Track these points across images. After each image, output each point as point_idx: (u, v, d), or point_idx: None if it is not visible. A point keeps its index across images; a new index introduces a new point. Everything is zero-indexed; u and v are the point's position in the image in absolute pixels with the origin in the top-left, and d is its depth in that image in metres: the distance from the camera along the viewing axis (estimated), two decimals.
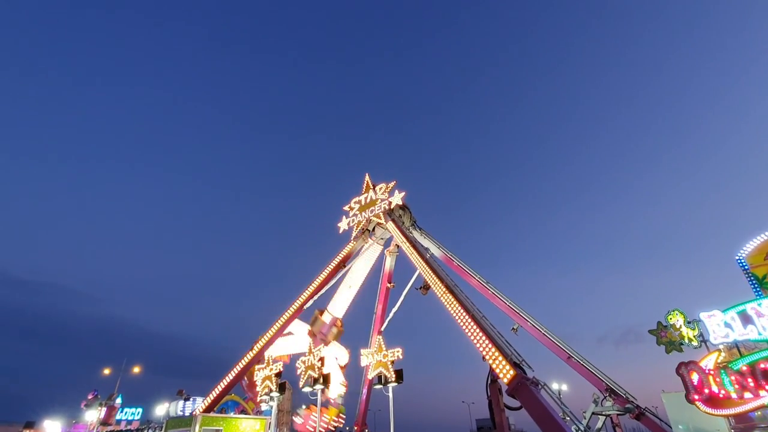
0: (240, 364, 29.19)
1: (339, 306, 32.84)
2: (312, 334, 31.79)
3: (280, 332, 30.12)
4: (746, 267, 20.84)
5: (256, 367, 28.77)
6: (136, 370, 47.75)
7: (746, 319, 16.07)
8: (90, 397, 42.08)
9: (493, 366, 18.15)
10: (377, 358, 25.39)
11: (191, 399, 43.84)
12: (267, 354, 28.10)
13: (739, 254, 21.27)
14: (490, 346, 18.63)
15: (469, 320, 20.11)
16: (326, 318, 32.79)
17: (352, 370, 33.18)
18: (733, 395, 14.69)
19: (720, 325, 16.39)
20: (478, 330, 19.49)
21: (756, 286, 20.10)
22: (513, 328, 26.33)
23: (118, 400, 43.99)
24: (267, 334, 29.99)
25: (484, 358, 18.80)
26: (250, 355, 29.28)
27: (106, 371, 45.39)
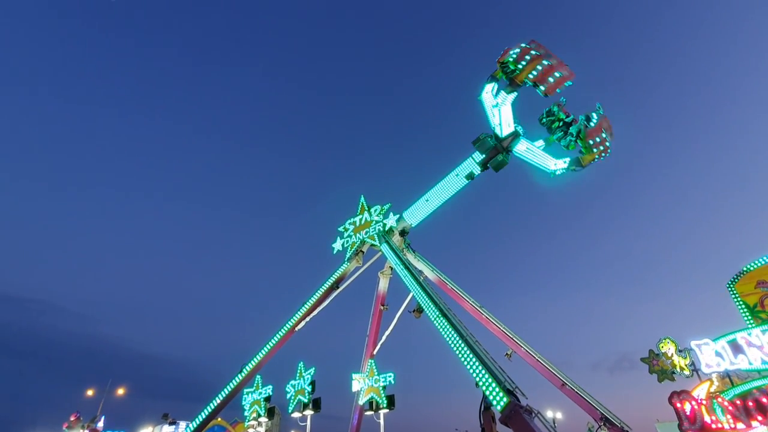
0: (228, 386, 28.58)
1: None
2: None
3: (270, 355, 29.64)
4: (736, 294, 20.98)
5: (245, 390, 28.19)
6: (121, 391, 46.41)
7: (737, 348, 16.09)
8: (72, 418, 40.72)
9: (486, 392, 17.90)
10: (369, 383, 25.02)
11: (177, 423, 42.57)
12: None
13: (730, 282, 21.44)
14: (483, 371, 18.41)
15: (462, 345, 19.94)
16: None
17: (344, 396, 32.49)
18: (726, 425, 14.57)
19: (711, 354, 16.38)
20: (471, 355, 19.30)
21: (747, 314, 20.17)
22: (507, 354, 26.12)
23: (101, 423, 42.54)
24: (257, 356, 29.48)
25: (477, 384, 18.56)
26: (239, 377, 28.73)
27: (90, 392, 44.07)
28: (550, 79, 23.54)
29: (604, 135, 24.44)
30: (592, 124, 24.74)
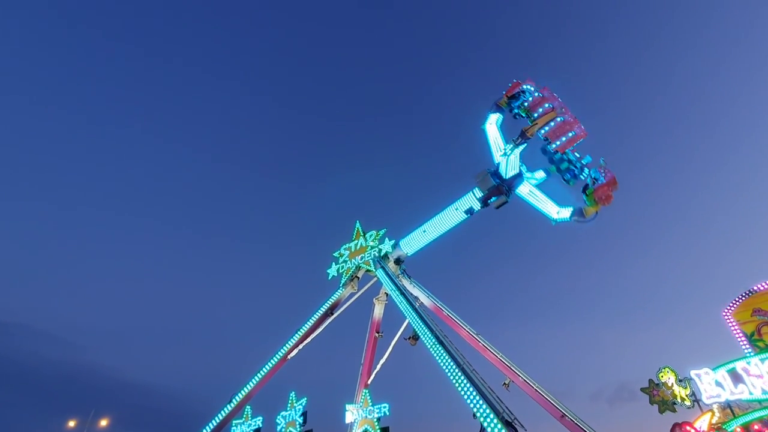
0: (217, 417, 27.69)
1: None
2: None
3: (261, 384, 28.85)
4: (733, 323, 20.88)
5: (234, 421, 27.34)
6: (104, 422, 44.63)
7: (737, 377, 15.89)
8: None
9: (484, 424, 17.54)
10: (363, 414, 24.32)
11: None
12: None
13: (726, 310, 21.37)
14: (480, 402, 18.07)
15: (459, 374, 19.60)
16: None
17: (337, 428, 31.45)
18: None
19: (711, 384, 16.16)
20: (468, 384, 18.97)
21: (745, 342, 20.02)
22: (504, 383, 25.55)
23: None
24: (247, 385, 28.70)
25: (474, 415, 18.15)
26: (228, 408, 27.88)
27: (72, 423, 42.33)
28: (563, 138, 24.09)
29: (610, 192, 24.35)
30: (601, 180, 24.37)
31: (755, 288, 21.05)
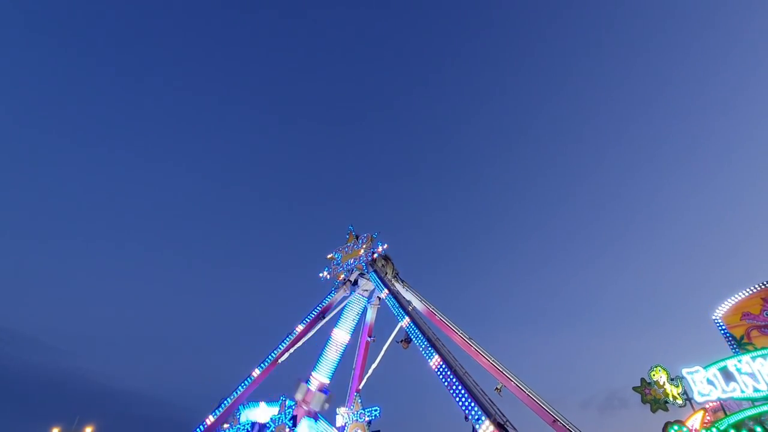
0: (204, 423, 27.20)
1: (324, 369, 28.90)
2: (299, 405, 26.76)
3: (251, 388, 28.42)
4: (723, 327, 21.05)
5: (223, 426, 26.90)
6: (89, 430, 43.57)
7: (728, 376, 16.02)
8: None
9: (477, 426, 17.37)
10: (353, 418, 24.03)
11: None
12: None
13: (715, 314, 21.56)
14: (473, 404, 17.95)
15: (452, 376, 19.48)
16: (313, 384, 27.97)
17: None
18: None
19: (703, 382, 16.26)
20: (461, 387, 18.86)
21: (734, 346, 20.19)
22: (497, 388, 25.41)
23: None
24: (236, 391, 28.27)
25: (466, 417, 18.02)
26: (217, 413, 27.44)
27: (55, 430, 41.26)
28: None
29: None
30: None
31: (744, 292, 21.28)
